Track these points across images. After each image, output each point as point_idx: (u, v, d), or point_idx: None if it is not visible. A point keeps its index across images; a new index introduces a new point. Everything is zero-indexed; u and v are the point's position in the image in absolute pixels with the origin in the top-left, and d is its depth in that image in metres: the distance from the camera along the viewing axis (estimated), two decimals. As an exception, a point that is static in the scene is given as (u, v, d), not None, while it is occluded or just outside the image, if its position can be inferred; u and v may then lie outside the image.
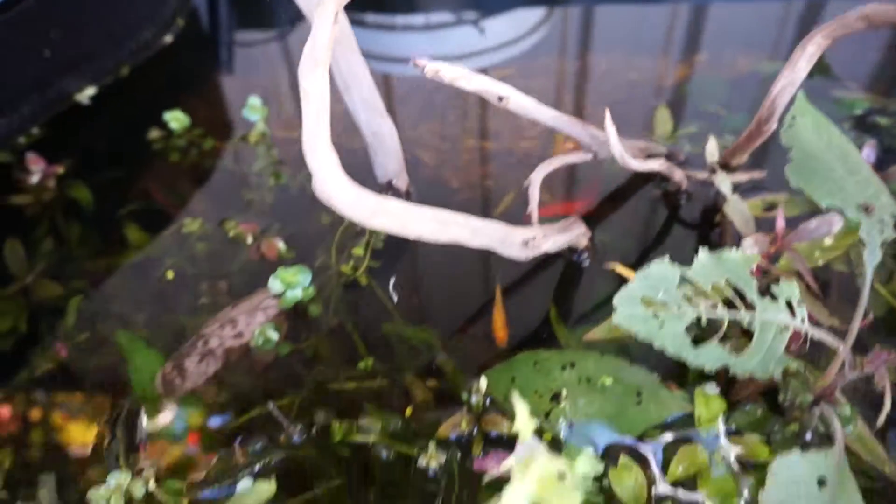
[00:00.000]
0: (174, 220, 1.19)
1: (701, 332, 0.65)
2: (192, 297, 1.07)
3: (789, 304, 0.63)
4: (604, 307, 1.02)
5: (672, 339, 0.59)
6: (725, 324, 0.62)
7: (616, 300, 0.61)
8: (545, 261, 1.08)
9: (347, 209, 0.73)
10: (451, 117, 1.41)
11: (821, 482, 0.57)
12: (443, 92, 1.46)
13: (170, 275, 1.09)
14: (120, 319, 1.04)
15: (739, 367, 0.61)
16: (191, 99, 1.47)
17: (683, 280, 0.61)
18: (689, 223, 1.14)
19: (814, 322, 0.65)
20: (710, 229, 1.13)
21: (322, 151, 0.70)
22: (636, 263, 1.07)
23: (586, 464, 0.52)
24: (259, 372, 0.96)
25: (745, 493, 0.79)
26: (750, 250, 0.76)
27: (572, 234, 0.90)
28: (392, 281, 1.06)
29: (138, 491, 0.78)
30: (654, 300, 0.60)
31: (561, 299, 1.04)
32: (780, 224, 0.89)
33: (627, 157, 0.91)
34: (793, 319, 0.62)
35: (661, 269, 0.61)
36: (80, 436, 0.91)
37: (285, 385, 0.93)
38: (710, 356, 0.60)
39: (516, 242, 0.84)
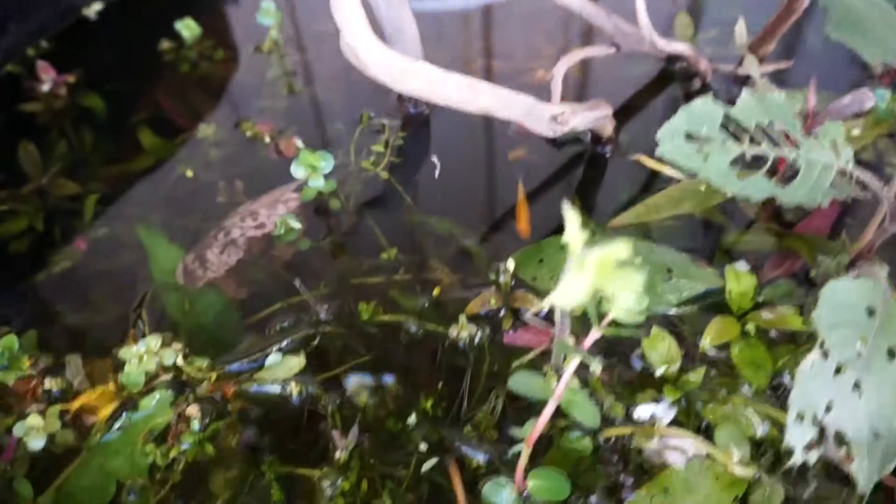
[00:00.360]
0: (187, 128, 1.17)
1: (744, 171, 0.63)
2: (208, 199, 1.05)
3: (834, 145, 0.62)
4: (627, 198, 1.01)
5: (717, 172, 0.58)
6: (770, 160, 0.60)
7: (660, 135, 0.59)
8: (569, 157, 1.07)
9: (375, 69, 0.71)
10: (461, 40, 1.38)
11: (870, 311, 0.56)
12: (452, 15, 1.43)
13: (189, 173, 1.07)
14: (137, 220, 1.03)
15: (786, 197, 0.60)
16: (202, 14, 1.43)
17: (727, 119, 0.60)
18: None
19: (858, 163, 0.64)
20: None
21: (350, 5, 0.68)
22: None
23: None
24: (279, 267, 0.95)
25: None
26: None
27: (600, 113, 0.88)
28: (433, 159, 1.04)
29: (168, 358, 0.77)
30: (698, 135, 0.58)
31: (584, 192, 1.03)
32: (812, 101, 0.87)
33: (656, 35, 0.88)
34: (837, 159, 0.61)
35: (705, 105, 0.59)
36: (104, 326, 0.91)
37: (307, 278, 0.92)
38: (757, 187, 0.59)
39: (545, 117, 0.82)
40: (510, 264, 0.88)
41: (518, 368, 0.80)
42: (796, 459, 0.51)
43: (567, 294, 0.43)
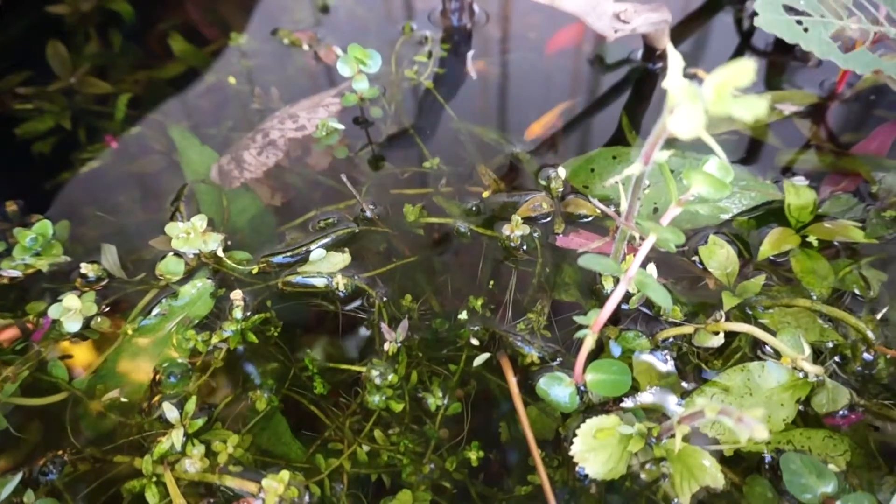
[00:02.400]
0: (214, 39, 1.13)
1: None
2: (241, 106, 1.02)
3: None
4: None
5: (818, 44, 0.55)
6: (871, 35, 0.57)
7: (757, 6, 0.56)
8: (618, 78, 1.03)
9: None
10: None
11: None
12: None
13: (227, 79, 1.03)
14: (167, 125, 0.99)
15: (892, 70, 0.57)
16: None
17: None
18: (764, 46, 1.08)
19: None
20: (788, 50, 1.07)
21: None
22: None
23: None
24: (317, 174, 0.92)
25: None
26: None
27: (661, 16, 0.84)
28: (470, 55, 1.00)
29: (212, 243, 0.74)
30: (796, 8, 0.55)
31: (633, 111, 0.99)
32: None
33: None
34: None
35: (801, -27, 0.56)
36: (137, 223, 0.88)
37: (349, 185, 0.89)
38: (861, 60, 0.56)
39: (607, 13, 0.78)
40: (561, 171, 0.84)
41: (581, 255, 0.77)
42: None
43: (682, 123, 0.40)
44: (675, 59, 0.45)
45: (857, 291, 0.74)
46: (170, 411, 0.65)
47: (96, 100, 1.03)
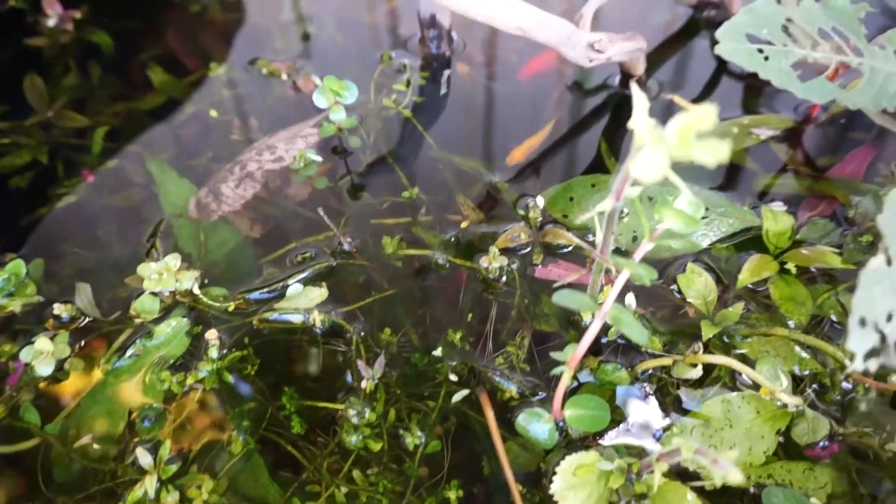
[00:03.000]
0: (195, 69, 1.13)
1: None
2: (221, 137, 1.01)
3: (896, 57, 0.59)
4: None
5: (778, 73, 0.55)
6: (833, 65, 0.57)
7: (719, 34, 0.56)
8: (596, 103, 1.04)
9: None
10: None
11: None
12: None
13: (202, 111, 1.03)
14: (146, 157, 0.99)
15: (850, 101, 0.57)
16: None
17: (789, 22, 0.56)
18: (741, 70, 1.09)
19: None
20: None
21: None
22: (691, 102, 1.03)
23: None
24: (296, 205, 0.91)
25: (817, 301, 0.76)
26: None
27: (636, 45, 0.84)
28: (446, 73, 1.00)
29: (187, 281, 0.74)
30: (759, 36, 0.55)
31: (611, 136, 1.00)
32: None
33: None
34: (900, 72, 0.59)
35: (767, 6, 0.56)
36: (113, 259, 0.87)
37: (325, 218, 0.88)
38: (819, 90, 0.56)
39: (582, 42, 0.79)
40: (539, 201, 0.84)
41: (557, 289, 0.77)
42: (857, 366, 0.49)
43: (645, 167, 0.40)
44: (639, 99, 0.45)
45: (834, 318, 0.74)
46: (143, 457, 0.64)
47: (74, 133, 1.02)
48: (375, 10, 1.23)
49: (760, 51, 0.55)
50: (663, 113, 1.02)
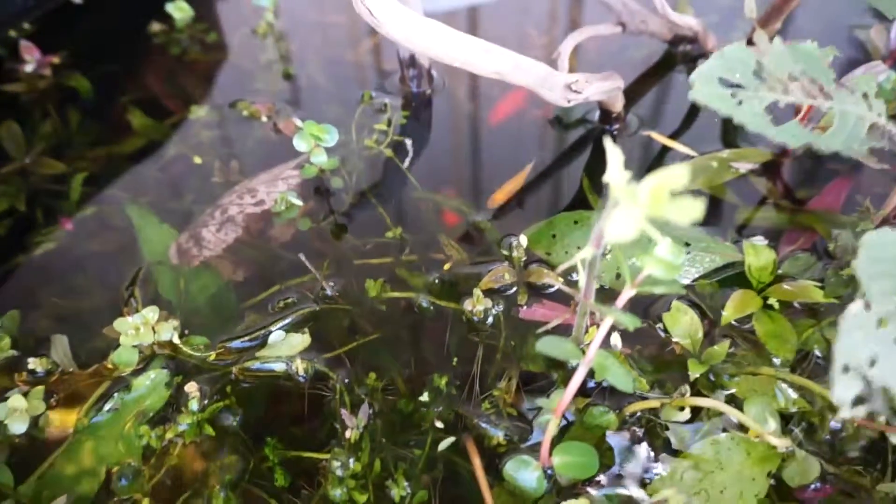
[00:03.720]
0: (177, 112, 1.13)
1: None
2: (201, 180, 1.01)
3: (866, 98, 0.60)
4: (637, 177, 0.99)
5: (752, 117, 0.56)
6: (804, 109, 0.58)
7: (693, 77, 0.57)
8: (576, 137, 1.05)
9: (390, 26, 0.67)
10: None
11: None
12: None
13: (198, 160, 1.02)
14: (126, 202, 0.98)
15: (823, 145, 0.58)
16: None
17: (759, 66, 0.57)
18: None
19: (892, 117, 0.62)
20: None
21: (362, -42, 0.64)
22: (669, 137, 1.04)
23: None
24: (279, 248, 0.91)
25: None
26: (881, 73, 0.73)
27: (612, 84, 0.85)
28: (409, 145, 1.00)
29: (165, 333, 0.72)
30: (731, 80, 0.56)
31: (592, 172, 1.00)
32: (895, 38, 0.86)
33: (667, 7, 0.87)
34: (870, 112, 0.59)
35: (738, 51, 0.57)
36: (92, 309, 0.86)
37: (309, 260, 0.87)
38: (792, 133, 0.57)
39: (559, 84, 0.80)
40: (522, 240, 0.84)
41: (541, 335, 0.76)
42: (844, 415, 0.48)
43: (619, 227, 0.40)
44: (614, 155, 0.45)
45: (818, 353, 0.74)
46: (120, 518, 0.62)
47: (52, 179, 1.01)
48: (357, 48, 1.24)
49: (734, 95, 0.55)
50: (643, 149, 1.03)
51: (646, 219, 0.40)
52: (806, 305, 0.79)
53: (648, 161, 1.02)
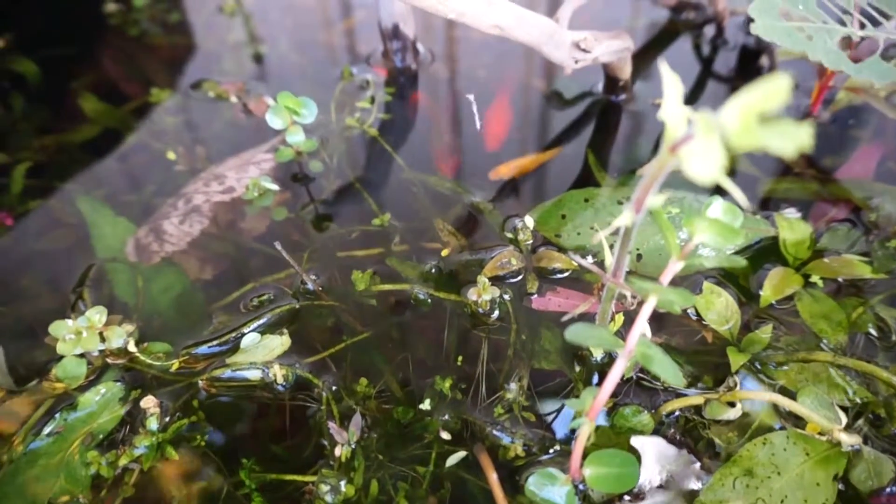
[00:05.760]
0: (136, 96, 1.01)
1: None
2: (163, 169, 0.89)
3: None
4: (648, 149, 0.90)
5: (826, 53, 0.47)
6: (881, 43, 0.50)
7: (752, 9, 0.48)
8: (578, 113, 0.95)
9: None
10: None
11: None
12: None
13: (171, 155, 0.90)
14: (77, 195, 0.86)
15: None
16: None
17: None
18: (726, 72, 1.02)
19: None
20: (752, 75, 1.01)
21: None
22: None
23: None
24: (252, 241, 0.80)
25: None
26: None
27: (622, 44, 0.76)
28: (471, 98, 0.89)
29: (116, 339, 0.61)
30: (793, 13, 0.47)
31: (598, 146, 0.91)
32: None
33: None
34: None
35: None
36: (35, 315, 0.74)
37: (286, 253, 0.77)
38: (877, 70, 0.48)
39: (566, 42, 0.70)
40: (529, 221, 0.75)
41: (560, 326, 0.67)
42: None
43: (699, 163, 0.30)
44: (671, 84, 0.36)
45: (873, 333, 0.65)
46: (61, 566, 0.51)
47: (-7, 172, 0.89)
48: (332, 28, 1.13)
49: (802, 29, 0.47)
50: (653, 121, 0.94)
51: (729, 151, 0.30)
52: (849, 282, 0.71)
53: (658, 132, 0.93)
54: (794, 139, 0.28)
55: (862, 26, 0.52)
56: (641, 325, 0.46)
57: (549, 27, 0.69)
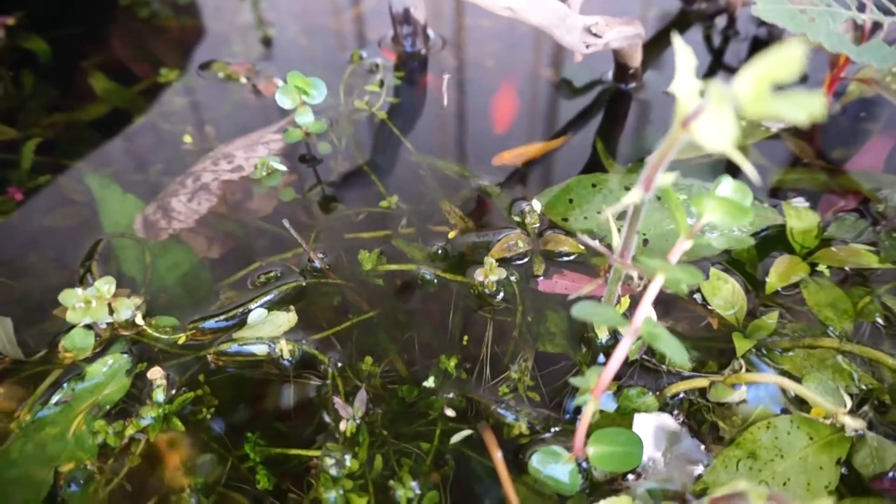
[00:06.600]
0: (145, 76, 1.02)
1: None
2: (172, 148, 0.90)
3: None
4: (657, 137, 0.90)
5: (827, 36, 0.47)
6: (886, 27, 0.50)
7: (755, -10, 0.48)
8: (587, 101, 0.95)
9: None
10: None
11: None
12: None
13: (187, 138, 0.90)
14: (86, 172, 0.87)
15: None
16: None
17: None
18: (737, 64, 1.02)
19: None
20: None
21: None
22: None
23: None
24: (259, 221, 0.80)
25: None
26: None
27: (634, 30, 0.76)
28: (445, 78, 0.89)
29: (124, 311, 0.61)
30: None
31: (607, 134, 0.91)
32: None
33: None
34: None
35: (805, -41, 0.48)
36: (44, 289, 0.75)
37: (292, 231, 0.77)
38: (878, 53, 0.48)
39: (577, 26, 0.70)
40: (536, 204, 0.75)
41: (565, 306, 0.67)
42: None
43: (712, 131, 0.30)
44: (684, 57, 0.36)
45: (880, 322, 0.65)
46: (68, 531, 0.51)
47: (4, 147, 0.90)
48: (341, 13, 1.13)
49: (804, 11, 0.47)
50: (658, 110, 0.93)
51: (742, 121, 0.30)
52: (855, 271, 0.71)
53: (667, 120, 0.93)
54: (807, 108, 0.28)
55: (862, 10, 0.51)
56: (648, 303, 0.46)
57: (561, 10, 0.69)
